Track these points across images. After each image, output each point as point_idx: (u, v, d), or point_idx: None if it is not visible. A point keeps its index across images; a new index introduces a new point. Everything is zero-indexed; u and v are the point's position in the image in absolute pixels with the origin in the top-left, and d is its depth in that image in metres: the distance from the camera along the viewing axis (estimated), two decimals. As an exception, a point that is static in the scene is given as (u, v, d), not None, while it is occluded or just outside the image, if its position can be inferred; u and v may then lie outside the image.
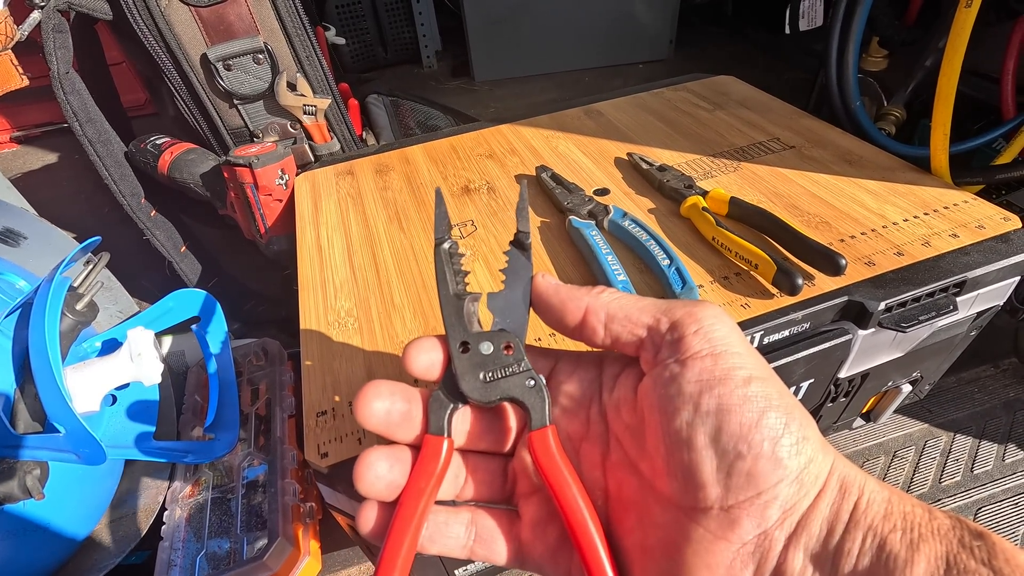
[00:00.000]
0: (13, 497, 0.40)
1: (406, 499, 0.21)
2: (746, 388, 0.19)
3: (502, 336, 0.23)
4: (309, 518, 0.55)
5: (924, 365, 0.53)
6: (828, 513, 0.18)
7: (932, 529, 0.17)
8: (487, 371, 0.22)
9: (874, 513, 0.18)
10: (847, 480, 0.19)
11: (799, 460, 0.18)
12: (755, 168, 0.57)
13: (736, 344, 0.20)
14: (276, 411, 0.61)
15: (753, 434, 0.18)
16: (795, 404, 0.19)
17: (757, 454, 0.18)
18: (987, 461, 0.67)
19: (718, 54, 1.62)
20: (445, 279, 0.24)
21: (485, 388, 0.22)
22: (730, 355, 0.20)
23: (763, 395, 0.19)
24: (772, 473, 0.18)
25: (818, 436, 0.19)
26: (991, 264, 0.43)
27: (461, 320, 0.23)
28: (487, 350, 0.23)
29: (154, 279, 0.78)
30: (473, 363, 0.23)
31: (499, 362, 0.23)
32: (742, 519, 0.18)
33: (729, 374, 0.19)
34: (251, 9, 0.64)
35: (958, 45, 0.48)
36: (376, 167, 0.65)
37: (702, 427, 0.19)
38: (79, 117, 0.63)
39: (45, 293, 0.42)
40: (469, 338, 0.23)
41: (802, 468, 0.18)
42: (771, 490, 0.18)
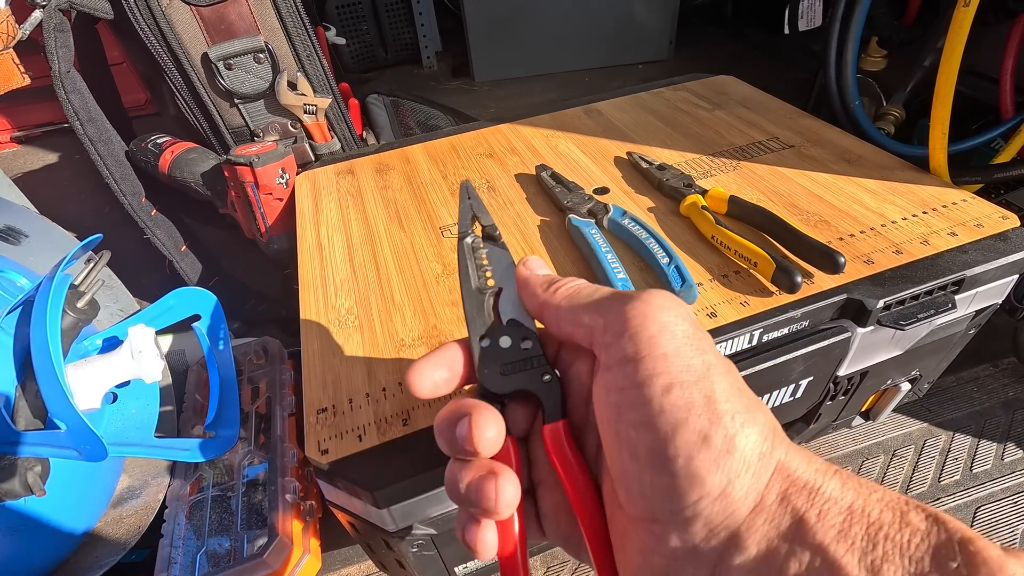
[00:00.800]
0: (14, 493, 0.40)
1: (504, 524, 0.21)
2: (664, 397, 0.18)
3: (520, 330, 0.23)
4: (309, 516, 0.55)
5: (923, 363, 0.53)
6: (767, 530, 0.16)
7: (900, 543, 0.15)
8: (505, 363, 0.23)
9: (827, 528, 0.16)
10: (793, 489, 0.17)
11: (720, 476, 0.17)
12: (754, 167, 0.57)
13: (663, 344, 0.19)
14: (276, 409, 0.61)
15: (667, 449, 0.17)
16: (730, 408, 0.17)
17: (673, 471, 0.17)
18: (986, 460, 0.67)
19: (718, 54, 1.62)
20: (468, 274, 0.24)
21: (503, 380, 0.23)
22: (652, 359, 0.18)
23: (682, 403, 0.17)
24: (689, 491, 0.17)
25: (756, 442, 0.17)
26: (989, 262, 0.43)
27: (483, 314, 0.24)
28: (505, 344, 0.23)
29: (155, 278, 0.78)
30: (492, 355, 0.23)
31: (517, 355, 0.23)
32: (669, 533, 0.17)
33: (648, 382, 0.18)
34: (252, 8, 0.64)
35: (956, 45, 0.48)
36: (376, 166, 0.65)
37: (627, 439, 0.18)
38: (80, 116, 0.63)
39: (46, 291, 0.43)
40: (489, 332, 0.23)
41: (726, 484, 0.17)
42: (691, 507, 0.17)
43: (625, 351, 0.19)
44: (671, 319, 0.19)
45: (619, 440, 0.19)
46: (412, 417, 0.37)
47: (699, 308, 0.42)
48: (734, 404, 0.18)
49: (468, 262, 0.25)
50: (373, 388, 0.39)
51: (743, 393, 0.18)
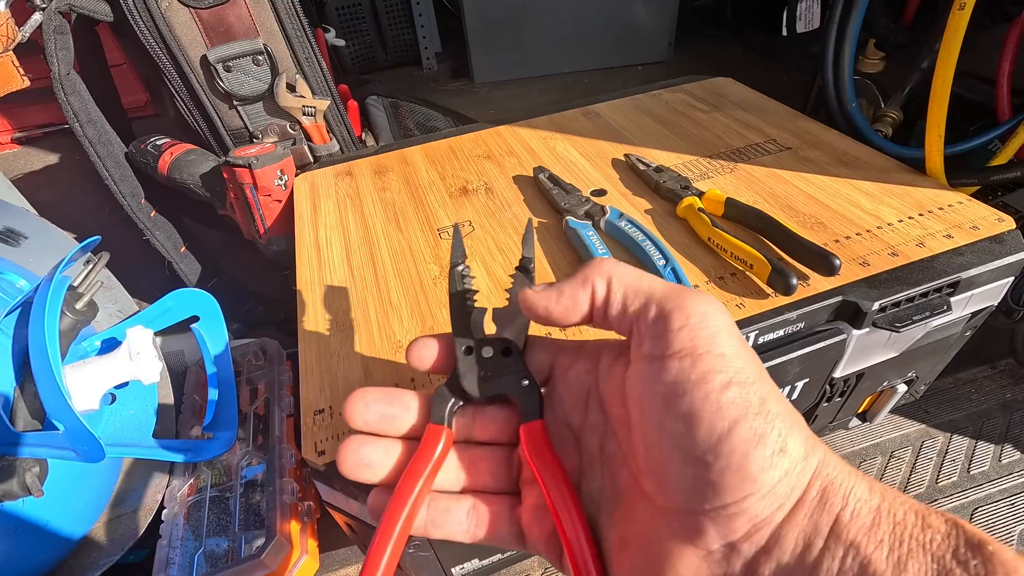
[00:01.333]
0: (12, 494, 0.40)
1: (404, 482, 0.22)
2: (722, 394, 0.18)
3: (501, 342, 0.25)
4: (307, 517, 0.55)
5: (919, 365, 0.53)
6: (806, 525, 0.17)
7: (923, 542, 0.16)
8: (486, 370, 0.25)
9: (859, 526, 0.17)
10: (830, 489, 0.18)
11: (772, 474, 0.17)
12: (751, 169, 0.57)
13: (723, 344, 0.19)
14: (275, 410, 0.61)
15: (722, 445, 0.17)
16: (780, 411, 0.18)
17: (724, 466, 0.17)
18: (983, 461, 0.67)
19: (717, 56, 1.62)
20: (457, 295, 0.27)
21: (483, 385, 0.24)
22: (712, 357, 0.19)
23: (740, 402, 0.18)
24: (739, 487, 0.17)
25: (802, 444, 0.18)
26: (985, 264, 0.43)
27: (468, 329, 0.25)
28: (488, 353, 0.25)
29: (154, 279, 0.78)
30: (474, 364, 0.25)
31: (497, 363, 0.25)
32: (708, 528, 0.18)
33: (706, 378, 0.18)
34: (251, 11, 0.65)
35: (952, 47, 0.48)
36: (375, 168, 0.65)
37: (672, 431, 0.18)
38: (80, 118, 0.63)
39: (45, 292, 0.43)
40: (474, 343, 0.25)
41: (776, 482, 0.17)
42: (738, 503, 0.17)
43: (683, 344, 0.19)
44: (727, 323, 0.20)
45: (662, 431, 0.19)
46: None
47: (695, 310, 0.42)
48: (781, 408, 0.18)
49: (456, 285, 0.27)
50: (370, 389, 0.39)
51: (784, 401, 0.19)
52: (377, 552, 0.21)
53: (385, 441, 0.24)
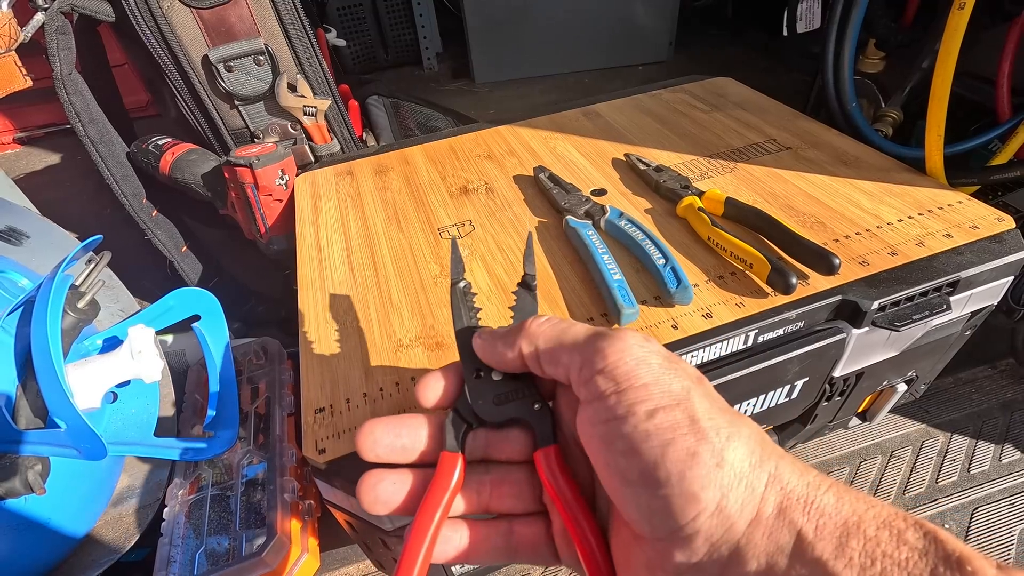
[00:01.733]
0: (15, 492, 0.40)
1: (423, 512, 0.23)
2: (648, 422, 0.18)
3: None
4: (308, 515, 0.55)
5: (919, 364, 0.53)
6: (766, 545, 0.16)
7: (898, 560, 0.15)
8: (498, 395, 0.25)
9: (824, 544, 0.16)
10: (788, 502, 0.17)
11: (713, 491, 0.17)
12: (751, 169, 0.57)
13: (643, 375, 0.19)
14: (275, 410, 0.61)
15: (659, 470, 0.18)
16: (713, 425, 0.18)
17: (666, 491, 0.17)
18: (984, 461, 0.67)
19: (718, 56, 1.62)
20: (460, 314, 0.27)
21: (496, 410, 0.25)
22: (634, 390, 0.19)
23: (668, 425, 0.18)
24: (686, 508, 0.17)
25: (745, 455, 0.18)
26: (984, 264, 0.44)
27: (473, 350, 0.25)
28: (497, 377, 0.25)
29: (155, 278, 0.78)
30: (485, 388, 0.25)
31: (508, 387, 0.25)
32: (672, 551, 0.18)
33: (632, 410, 0.19)
34: (252, 11, 0.65)
35: (951, 47, 0.48)
36: (375, 168, 0.65)
37: (617, 468, 0.19)
38: (82, 118, 0.63)
39: (47, 291, 0.43)
40: (482, 367, 0.25)
41: (720, 498, 0.17)
42: (690, 524, 0.17)
43: (606, 385, 0.20)
44: (645, 353, 0.20)
45: (610, 468, 0.19)
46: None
47: (695, 309, 0.42)
48: (717, 420, 0.18)
49: (460, 304, 0.27)
50: (371, 388, 0.39)
51: (725, 410, 0.19)
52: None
53: (398, 474, 0.24)
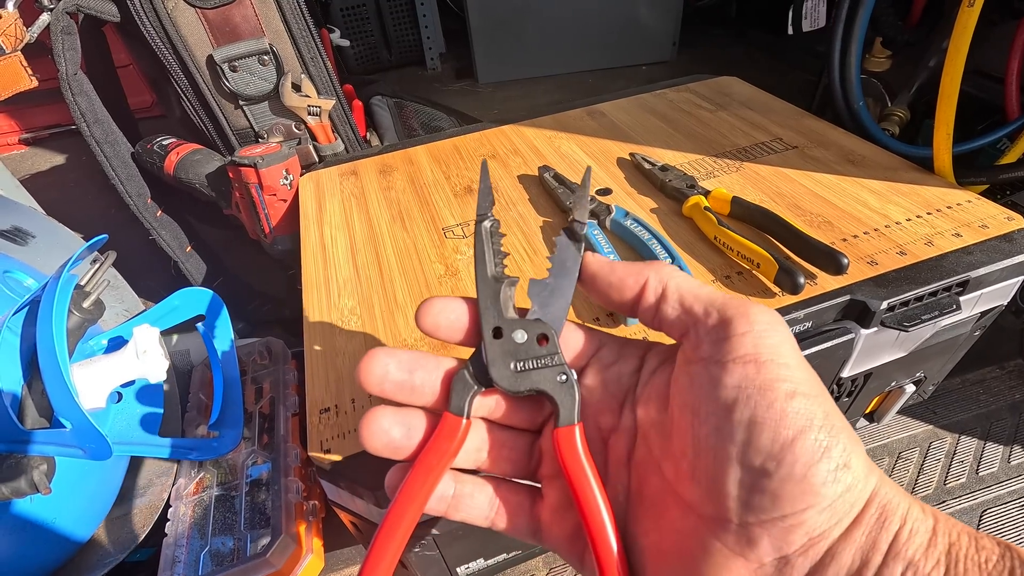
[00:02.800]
0: (20, 492, 0.40)
1: (415, 472, 0.21)
2: (787, 403, 0.17)
3: (538, 326, 0.22)
4: (312, 516, 0.55)
5: (928, 365, 0.53)
6: (863, 542, 0.17)
7: (978, 562, 0.16)
8: (519, 360, 0.22)
9: (916, 546, 0.17)
10: (888, 508, 0.17)
11: (835, 488, 0.17)
12: (757, 168, 0.57)
13: (787, 354, 0.19)
14: (280, 409, 0.61)
15: (785, 454, 0.17)
16: (843, 426, 0.18)
17: (786, 475, 0.17)
18: (992, 463, 0.66)
19: (721, 55, 1.62)
20: (484, 260, 0.23)
21: (515, 378, 0.22)
22: (777, 365, 0.18)
23: (805, 413, 0.17)
24: (800, 498, 0.17)
25: (864, 462, 0.18)
26: (994, 263, 0.43)
27: (497, 304, 0.22)
28: (520, 339, 0.22)
29: (160, 278, 0.78)
30: (505, 350, 0.22)
31: (532, 352, 0.22)
32: (761, 539, 0.17)
33: (772, 385, 0.18)
34: (256, 11, 0.65)
35: (960, 45, 0.48)
36: (380, 167, 0.65)
37: (732, 437, 0.18)
38: (87, 118, 0.63)
39: (52, 291, 0.43)
40: (503, 324, 0.22)
41: (837, 496, 0.17)
42: (797, 515, 0.17)
43: (747, 349, 0.19)
44: (789, 336, 0.20)
45: (719, 437, 0.18)
46: (414, 417, 0.37)
47: (701, 309, 0.41)
48: (845, 426, 0.18)
49: (485, 247, 0.23)
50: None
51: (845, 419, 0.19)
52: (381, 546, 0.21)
53: (408, 415, 0.22)
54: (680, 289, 0.21)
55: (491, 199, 0.23)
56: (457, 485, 0.23)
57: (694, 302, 0.21)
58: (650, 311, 0.22)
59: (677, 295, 0.21)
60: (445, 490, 0.23)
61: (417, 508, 0.21)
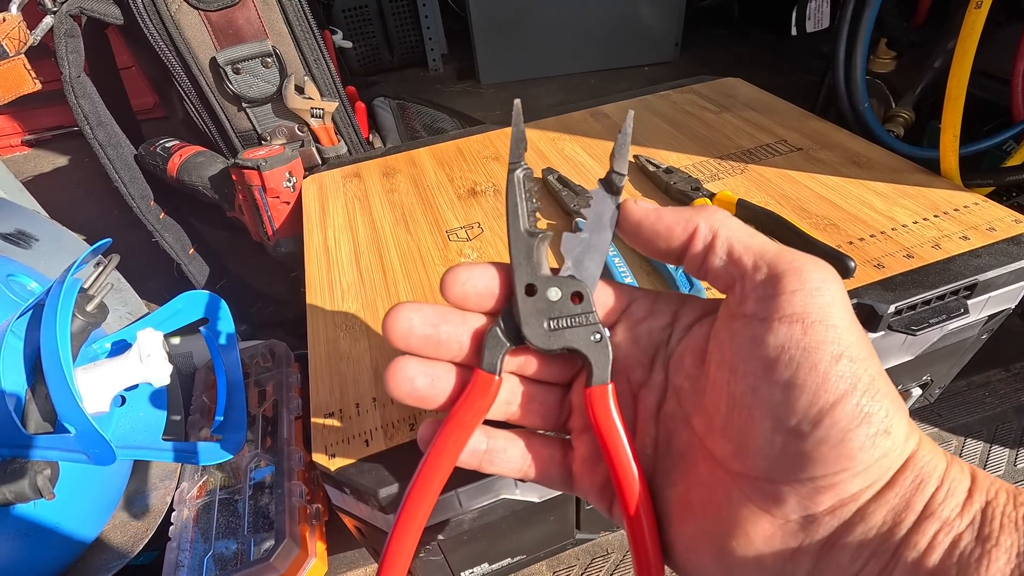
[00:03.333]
0: (24, 497, 0.40)
1: (447, 427, 0.21)
2: (832, 366, 0.17)
3: (572, 283, 0.22)
4: (315, 519, 0.55)
5: (934, 368, 0.52)
6: (896, 503, 0.17)
7: (1014, 520, 0.16)
8: (552, 319, 0.21)
9: (952, 506, 0.16)
10: (925, 470, 0.17)
11: (872, 454, 0.17)
12: (762, 170, 0.57)
13: (836, 315, 0.18)
14: (283, 412, 0.61)
15: (823, 417, 0.17)
16: (887, 391, 0.17)
17: (821, 438, 0.17)
18: (998, 466, 0.66)
19: (724, 56, 1.61)
20: (517, 212, 0.22)
21: (548, 336, 0.21)
22: (824, 327, 0.17)
23: (849, 376, 0.17)
24: (834, 462, 0.17)
25: (905, 426, 0.17)
26: (1002, 267, 0.43)
27: (530, 260, 0.21)
28: (554, 296, 0.21)
29: (163, 280, 0.78)
30: (538, 308, 0.21)
31: (565, 311, 0.21)
32: (789, 498, 0.17)
33: (818, 347, 0.17)
34: (259, 13, 0.65)
35: (968, 46, 0.48)
36: (383, 169, 0.65)
37: (768, 397, 0.18)
38: (90, 121, 0.63)
39: (56, 295, 0.43)
40: (537, 281, 0.21)
41: (873, 462, 0.17)
42: (828, 477, 0.17)
43: (795, 308, 0.18)
44: (843, 296, 0.19)
45: (756, 395, 0.18)
46: (419, 422, 0.37)
47: (707, 313, 0.41)
48: (890, 390, 0.18)
49: (519, 198, 0.22)
50: (380, 392, 0.39)
51: (891, 383, 0.18)
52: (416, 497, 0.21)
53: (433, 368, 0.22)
54: (731, 238, 0.20)
55: (524, 145, 0.22)
56: (490, 440, 0.23)
57: (744, 253, 0.20)
58: (697, 260, 0.21)
59: (727, 244, 0.20)
60: (478, 444, 0.23)
61: (450, 461, 0.21)
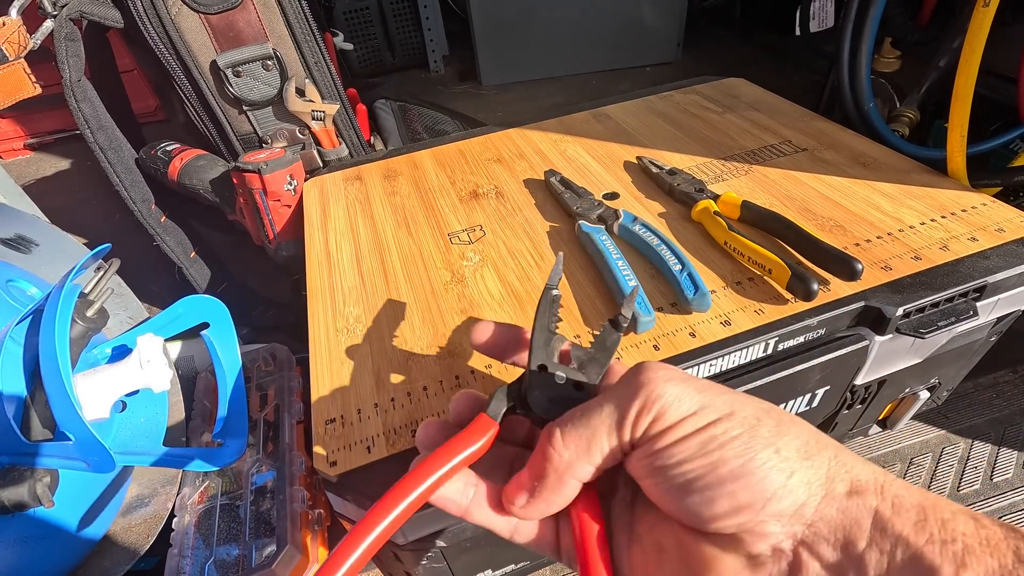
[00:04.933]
0: (24, 505, 0.40)
1: (439, 453, 0.23)
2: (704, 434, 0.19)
3: (576, 374, 0.25)
4: (317, 525, 0.54)
5: (942, 371, 0.52)
6: (840, 519, 0.17)
7: (980, 539, 0.15)
8: (556, 394, 0.25)
9: (903, 521, 0.16)
10: (859, 485, 0.17)
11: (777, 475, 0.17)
12: (767, 171, 0.56)
13: (684, 404, 0.20)
14: (284, 417, 0.61)
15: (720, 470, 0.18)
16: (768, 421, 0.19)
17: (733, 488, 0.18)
18: (1007, 468, 0.65)
19: (726, 56, 1.61)
20: (544, 315, 0.27)
21: (549, 407, 0.24)
22: (678, 426, 0.19)
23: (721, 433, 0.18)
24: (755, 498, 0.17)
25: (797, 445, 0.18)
26: (1012, 268, 0.42)
27: (547, 349, 0.26)
28: (560, 380, 0.25)
29: (164, 284, 0.78)
30: (545, 383, 0.25)
31: (567, 392, 0.25)
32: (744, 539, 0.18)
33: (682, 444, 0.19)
34: (260, 16, 0.64)
35: (975, 45, 0.47)
36: (384, 172, 0.64)
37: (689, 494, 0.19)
38: (91, 124, 0.63)
39: (55, 301, 0.43)
40: (548, 364, 0.25)
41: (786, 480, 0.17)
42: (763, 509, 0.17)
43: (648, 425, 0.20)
44: (669, 380, 0.20)
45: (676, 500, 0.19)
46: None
47: (713, 316, 0.41)
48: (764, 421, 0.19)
49: (547, 309, 0.27)
50: (382, 398, 0.38)
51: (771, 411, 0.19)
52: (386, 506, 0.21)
53: None
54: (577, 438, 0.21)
55: (560, 275, 0.29)
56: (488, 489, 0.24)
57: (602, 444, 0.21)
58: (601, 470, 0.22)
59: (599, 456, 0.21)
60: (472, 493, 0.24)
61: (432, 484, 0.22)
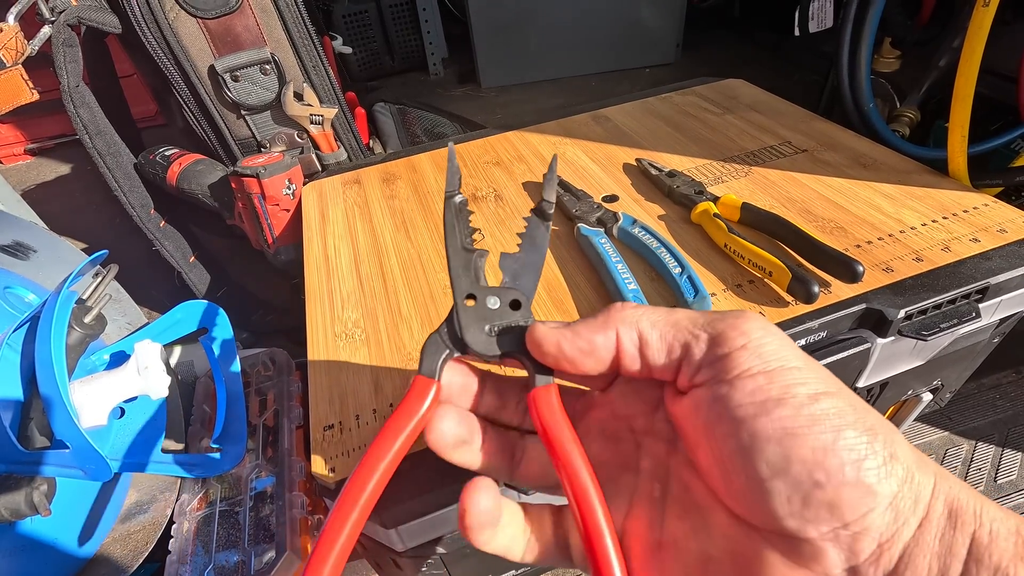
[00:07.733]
0: (20, 514, 0.40)
1: (383, 435, 0.21)
2: (813, 406, 0.17)
3: (510, 292, 0.23)
4: (317, 531, 0.54)
5: (945, 373, 0.51)
6: (937, 547, 0.15)
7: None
8: (492, 324, 0.22)
9: (1001, 550, 0.15)
10: (958, 505, 0.16)
11: (890, 484, 0.16)
12: (767, 173, 0.56)
13: (792, 358, 0.18)
14: (284, 422, 0.60)
15: (830, 459, 0.16)
16: (876, 418, 0.17)
17: (839, 482, 0.16)
18: (1011, 470, 0.65)
19: (726, 57, 1.61)
20: (455, 231, 0.24)
21: (489, 341, 0.22)
22: (787, 371, 0.17)
23: (835, 412, 0.16)
24: (860, 502, 0.16)
25: (910, 452, 0.17)
26: (1014, 269, 0.42)
27: (468, 273, 0.23)
28: (494, 304, 0.22)
29: (163, 289, 0.78)
30: (478, 315, 0.22)
31: (505, 317, 0.22)
32: (827, 551, 0.16)
33: (789, 391, 0.17)
34: (258, 20, 0.64)
35: (976, 45, 0.47)
36: (383, 176, 0.64)
37: (764, 455, 0.17)
38: (89, 130, 0.63)
39: (51, 308, 0.42)
40: (476, 291, 0.23)
41: (895, 492, 0.16)
42: (860, 520, 0.16)
43: (751, 362, 0.18)
44: (786, 338, 0.19)
45: (749, 457, 0.17)
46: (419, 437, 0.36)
47: (713, 319, 0.40)
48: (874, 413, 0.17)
49: (455, 221, 0.24)
50: (380, 404, 0.38)
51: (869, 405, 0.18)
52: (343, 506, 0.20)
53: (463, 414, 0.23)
54: (657, 327, 0.20)
55: (459, 177, 0.25)
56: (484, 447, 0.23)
57: (677, 333, 0.20)
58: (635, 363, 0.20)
59: (657, 335, 0.20)
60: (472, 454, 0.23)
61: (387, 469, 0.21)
